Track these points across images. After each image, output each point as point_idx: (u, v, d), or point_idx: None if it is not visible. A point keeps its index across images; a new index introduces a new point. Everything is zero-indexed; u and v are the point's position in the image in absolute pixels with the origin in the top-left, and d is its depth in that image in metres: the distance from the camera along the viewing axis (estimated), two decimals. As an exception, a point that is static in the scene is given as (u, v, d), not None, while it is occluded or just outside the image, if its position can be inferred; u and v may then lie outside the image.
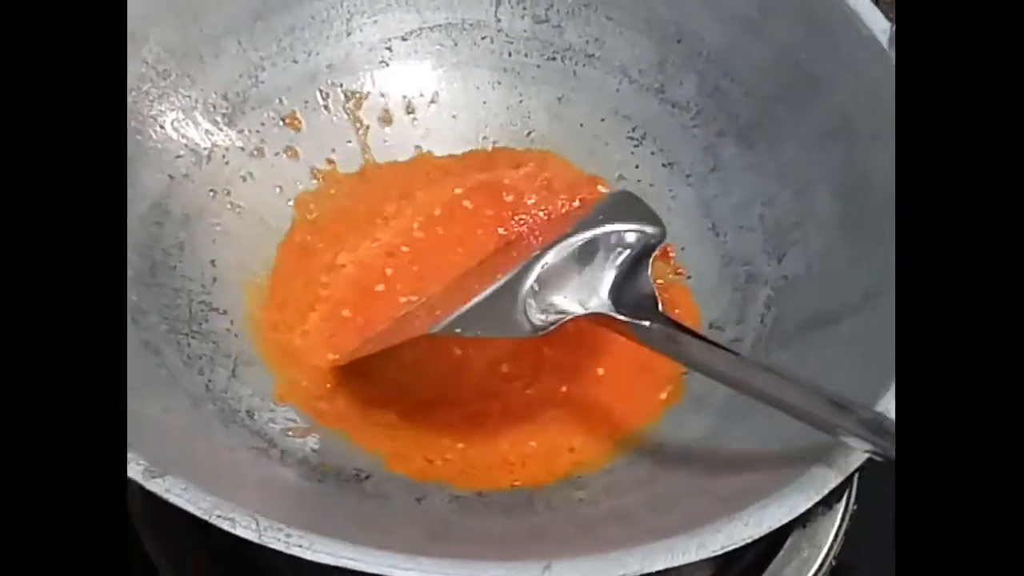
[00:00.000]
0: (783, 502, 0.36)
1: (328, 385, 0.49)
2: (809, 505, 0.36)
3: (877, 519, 0.50)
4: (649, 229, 0.48)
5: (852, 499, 0.50)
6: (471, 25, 0.60)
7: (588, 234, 0.48)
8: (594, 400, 0.50)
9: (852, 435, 0.36)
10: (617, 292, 0.46)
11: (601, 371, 0.51)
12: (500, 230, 0.56)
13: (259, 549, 0.33)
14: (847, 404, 0.37)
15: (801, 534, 0.49)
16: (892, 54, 0.48)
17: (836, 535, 0.49)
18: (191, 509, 0.33)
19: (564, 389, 0.50)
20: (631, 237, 0.48)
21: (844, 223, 0.49)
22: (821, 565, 0.49)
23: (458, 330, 0.44)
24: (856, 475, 0.49)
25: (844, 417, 0.37)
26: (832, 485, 0.37)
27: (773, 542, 0.49)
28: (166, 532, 0.49)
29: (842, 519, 0.50)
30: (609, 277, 0.46)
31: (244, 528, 0.33)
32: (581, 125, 0.60)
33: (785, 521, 0.36)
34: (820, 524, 0.49)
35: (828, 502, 0.49)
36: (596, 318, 0.45)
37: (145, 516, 0.49)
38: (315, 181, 0.57)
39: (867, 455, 0.37)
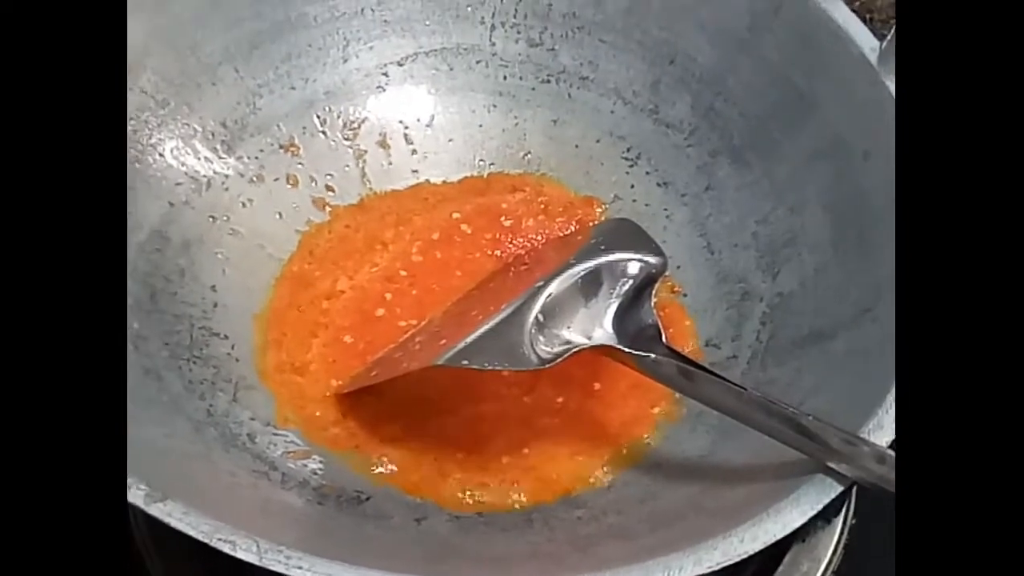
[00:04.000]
0: (778, 517, 0.36)
1: (330, 410, 0.50)
2: (804, 520, 0.36)
3: (875, 533, 0.51)
4: (651, 259, 0.49)
5: (851, 513, 0.51)
6: (466, 49, 0.61)
7: (591, 264, 0.48)
8: (589, 413, 0.50)
9: (861, 471, 0.37)
10: (620, 322, 0.46)
11: (597, 386, 0.51)
12: (498, 252, 0.57)
13: (262, 572, 0.33)
14: (854, 440, 0.37)
15: (800, 548, 0.49)
16: (881, 72, 0.49)
17: (835, 549, 0.50)
18: (192, 533, 0.34)
19: (560, 400, 0.51)
20: (634, 268, 0.48)
21: (836, 240, 0.50)
22: (820, 579, 0.49)
23: (465, 361, 0.44)
24: (854, 490, 0.49)
25: (852, 454, 0.37)
26: (827, 500, 0.37)
27: (773, 556, 0.49)
28: (171, 556, 0.49)
29: (841, 533, 0.50)
30: (612, 308, 0.47)
31: (245, 551, 0.33)
32: (576, 146, 0.61)
33: (780, 536, 0.36)
34: (819, 538, 0.50)
35: (827, 516, 0.50)
36: (601, 350, 0.45)
37: (150, 541, 0.49)
38: (314, 209, 0.57)
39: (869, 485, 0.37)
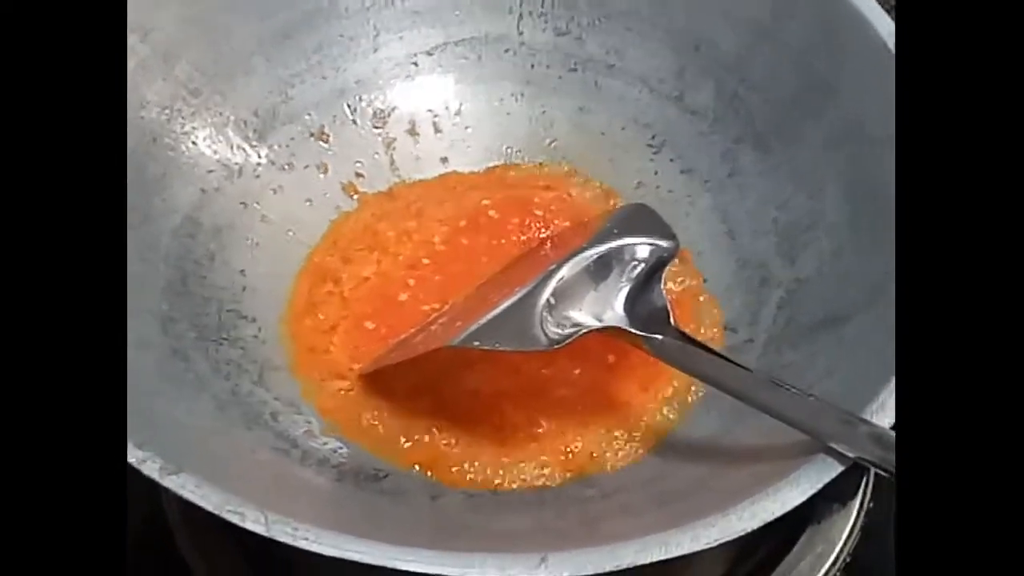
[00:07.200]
0: (776, 496, 0.37)
1: (352, 395, 0.51)
2: (802, 499, 0.37)
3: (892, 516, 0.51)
4: (662, 243, 0.49)
5: (867, 497, 0.51)
6: (494, 39, 0.62)
7: (603, 248, 0.49)
8: (604, 384, 0.51)
9: (860, 451, 0.37)
10: (631, 305, 0.47)
11: (612, 358, 0.52)
12: (523, 238, 0.57)
13: (291, 549, 0.34)
14: (853, 420, 0.38)
15: (816, 530, 0.49)
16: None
17: (851, 532, 0.50)
18: (203, 504, 0.35)
19: (577, 372, 0.51)
20: (644, 251, 0.49)
21: (854, 225, 0.50)
22: (835, 561, 0.49)
23: (476, 343, 0.45)
24: (871, 472, 0.50)
25: (851, 433, 0.38)
26: (826, 480, 0.37)
27: (787, 538, 0.49)
28: (201, 533, 0.50)
29: (857, 516, 0.50)
30: (623, 291, 0.47)
31: (253, 522, 0.35)
32: (602, 134, 0.62)
33: (779, 514, 0.36)
34: (835, 521, 0.50)
35: (842, 499, 0.50)
36: (611, 331, 0.46)
37: (181, 518, 0.51)
38: (344, 197, 0.59)
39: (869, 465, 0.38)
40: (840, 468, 0.38)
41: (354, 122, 0.61)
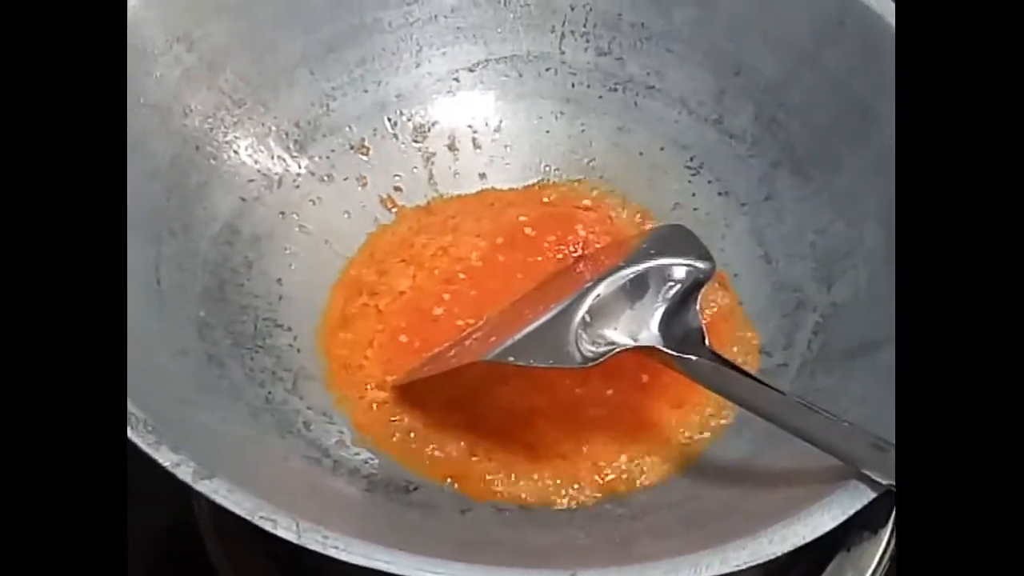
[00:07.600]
0: (808, 521, 0.37)
1: (386, 407, 0.51)
2: (833, 524, 0.37)
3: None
4: (699, 264, 0.49)
5: (898, 525, 0.51)
6: (536, 57, 0.62)
7: (639, 267, 0.49)
8: (636, 405, 0.51)
9: (892, 478, 0.37)
10: (666, 325, 0.47)
11: (645, 378, 0.52)
12: (559, 257, 0.57)
13: (321, 557, 0.35)
14: (886, 446, 0.38)
15: (845, 557, 0.49)
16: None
17: (880, 560, 0.49)
18: (235, 509, 0.35)
19: (609, 392, 0.51)
20: (681, 272, 0.49)
21: (891, 254, 0.50)
22: (865, 589, 0.49)
23: (510, 358, 0.45)
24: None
25: (884, 460, 0.38)
26: (858, 506, 0.37)
27: (816, 564, 0.49)
28: (230, 539, 0.51)
29: (887, 544, 0.50)
30: (659, 311, 0.47)
31: (284, 529, 0.35)
32: (640, 154, 0.61)
33: (809, 539, 0.36)
34: (865, 548, 0.49)
35: (873, 527, 0.50)
36: (645, 351, 0.46)
37: (211, 523, 0.51)
38: (382, 210, 0.59)
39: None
40: (872, 495, 0.38)
41: (394, 136, 0.61)
